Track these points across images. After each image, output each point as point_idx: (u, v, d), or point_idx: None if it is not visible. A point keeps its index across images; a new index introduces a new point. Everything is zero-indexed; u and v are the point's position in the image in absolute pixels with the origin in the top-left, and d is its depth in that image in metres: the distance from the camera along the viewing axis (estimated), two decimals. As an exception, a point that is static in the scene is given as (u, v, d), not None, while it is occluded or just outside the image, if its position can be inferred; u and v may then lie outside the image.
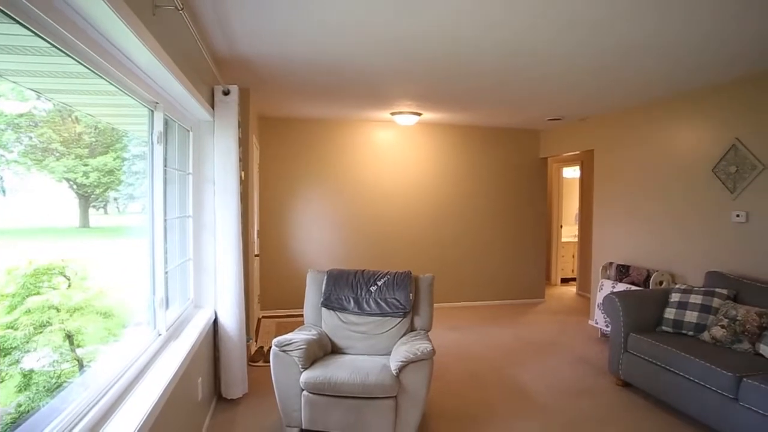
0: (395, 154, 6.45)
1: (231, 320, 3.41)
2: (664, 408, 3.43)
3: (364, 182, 6.35)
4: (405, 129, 6.42)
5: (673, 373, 3.26)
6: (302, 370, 2.86)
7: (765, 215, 3.71)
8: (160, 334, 2.45)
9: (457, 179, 6.67)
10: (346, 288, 3.47)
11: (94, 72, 1.67)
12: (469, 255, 6.76)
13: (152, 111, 2.40)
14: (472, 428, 3.12)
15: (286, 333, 3.09)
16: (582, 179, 7.66)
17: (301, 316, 3.67)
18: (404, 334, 3.30)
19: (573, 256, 8.48)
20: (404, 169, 6.48)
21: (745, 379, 2.78)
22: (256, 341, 4.92)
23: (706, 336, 3.43)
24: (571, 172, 8.75)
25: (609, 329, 3.90)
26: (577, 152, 6.67)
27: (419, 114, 5.61)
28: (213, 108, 3.36)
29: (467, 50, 3.22)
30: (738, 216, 3.90)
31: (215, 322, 3.40)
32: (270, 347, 3.01)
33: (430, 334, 3.39)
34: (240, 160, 3.55)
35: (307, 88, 4.42)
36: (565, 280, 8.59)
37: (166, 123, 2.61)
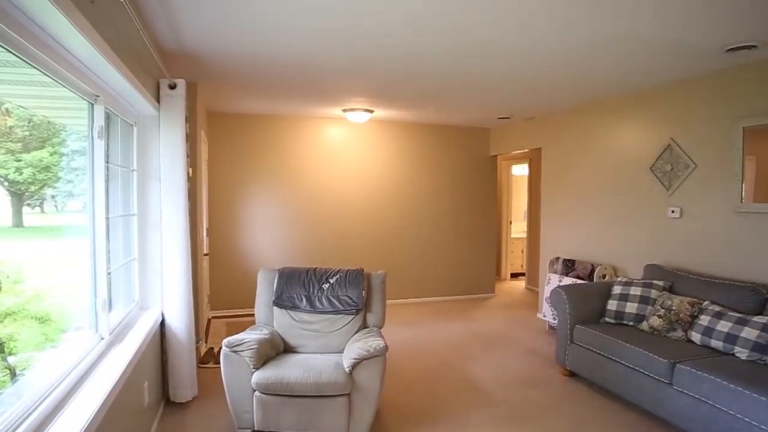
0: (348, 151, 6.43)
1: (179, 321, 3.31)
2: (607, 395, 3.59)
3: (316, 179, 6.30)
4: (357, 126, 6.41)
5: (615, 362, 3.42)
6: (254, 370, 2.81)
7: (696, 211, 3.94)
8: (102, 338, 2.35)
9: (409, 177, 6.72)
10: (298, 286, 3.43)
11: (25, 61, 1.57)
12: (421, 252, 6.83)
13: (92, 104, 2.29)
14: (426, 422, 3.16)
15: (237, 333, 3.03)
16: (530, 177, 7.89)
17: (253, 315, 3.61)
18: (357, 332, 3.30)
19: (522, 252, 8.73)
20: (357, 166, 6.47)
21: (678, 365, 2.95)
22: (206, 342, 4.80)
23: (644, 325, 3.61)
24: (520, 170, 9.00)
25: (556, 322, 4.04)
26: (526, 150, 6.86)
27: (371, 111, 5.61)
28: (158, 102, 3.23)
29: (418, 50, 3.25)
30: (673, 212, 4.13)
31: (162, 323, 3.29)
32: (220, 348, 2.94)
33: (383, 330, 3.41)
34: (188, 156, 3.45)
35: (258, 84, 4.33)
36: (514, 275, 8.83)
37: (107, 117, 2.49)
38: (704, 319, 3.27)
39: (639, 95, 4.45)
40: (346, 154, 6.43)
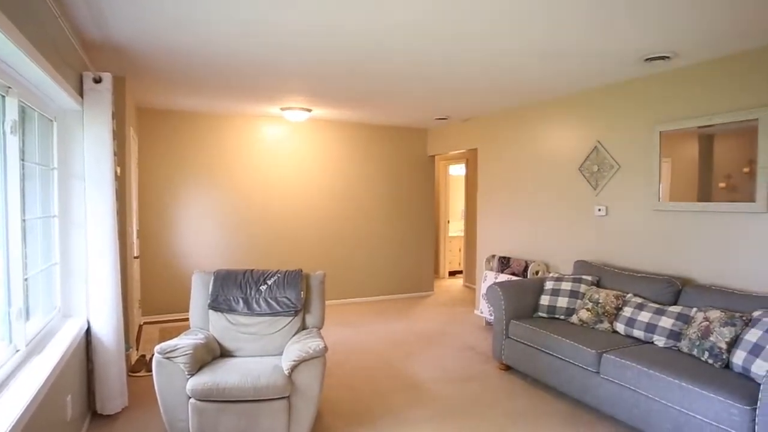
0: (287, 150, 6.33)
1: (107, 329, 3.13)
2: (540, 386, 3.74)
3: (254, 179, 6.16)
4: (296, 125, 6.33)
5: (547, 354, 3.57)
6: (188, 376, 2.71)
7: (620, 209, 4.19)
8: (18, 350, 2.18)
9: (349, 177, 6.72)
10: (234, 288, 3.34)
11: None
12: (361, 251, 6.85)
13: (3, 96, 2.12)
14: (367, 421, 3.17)
15: (171, 339, 2.91)
16: (467, 176, 8.09)
17: (187, 320, 3.48)
18: (296, 333, 3.26)
19: (459, 250, 8.94)
20: (296, 165, 6.39)
21: (604, 354, 3.12)
22: (137, 350, 4.57)
23: (574, 319, 3.80)
24: (458, 170, 9.22)
25: (493, 318, 4.17)
26: (463, 151, 7.02)
27: (310, 110, 5.56)
28: (82, 97, 3.05)
29: (355, 49, 3.25)
30: (600, 210, 4.36)
31: (88, 331, 3.10)
32: (153, 355, 2.81)
33: (323, 331, 3.39)
34: (115, 155, 3.27)
35: (191, 80, 4.18)
36: (452, 273, 9.03)
37: (22, 111, 2.32)
38: (627, 311, 3.48)
39: (569, 99, 4.68)
40: (285, 154, 6.33)
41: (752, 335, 2.68)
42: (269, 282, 3.38)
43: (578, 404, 3.43)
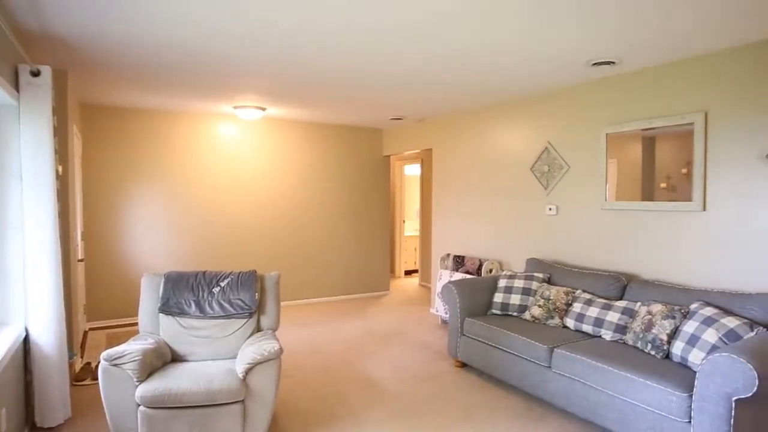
0: (240, 149, 6.21)
1: (48, 336, 2.97)
2: (495, 382, 3.82)
3: (206, 179, 6.01)
4: (250, 124, 6.21)
5: (501, 350, 3.65)
6: (138, 383, 2.61)
7: (570, 209, 4.34)
8: (-52, 360, 2.04)
9: (304, 176, 6.66)
10: (186, 291, 3.24)
11: None
12: (317, 252, 6.79)
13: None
14: (324, 422, 3.15)
15: (119, 344, 2.79)
16: (422, 176, 8.17)
17: (136, 324, 3.35)
18: (250, 336, 3.20)
19: (415, 249, 9.02)
20: (249, 165, 6.27)
21: (555, 349, 3.23)
22: (81, 357, 4.37)
23: (527, 315, 3.90)
24: (413, 170, 9.30)
25: (448, 316, 4.22)
26: (418, 151, 7.09)
27: (264, 109, 5.47)
28: (18, 91, 2.88)
29: (309, 48, 3.22)
30: (550, 209, 4.50)
31: (27, 339, 2.93)
32: (99, 362, 2.69)
33: (279, 332, 3.35)
34: (56, 152, 3.11)
35: (139, 75, 4.02)
36: (408, 272, 9.10)
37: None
38: (577, 307, 3.61)
39: (521, 101, 4.80)
40: (239, 153, 6.20)
41: (690, 327, 2.83)
42: (222, 284, 3.30)
43: (531, 398, 3.53)
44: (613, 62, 3.51)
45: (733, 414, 2.27)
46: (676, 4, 2.46)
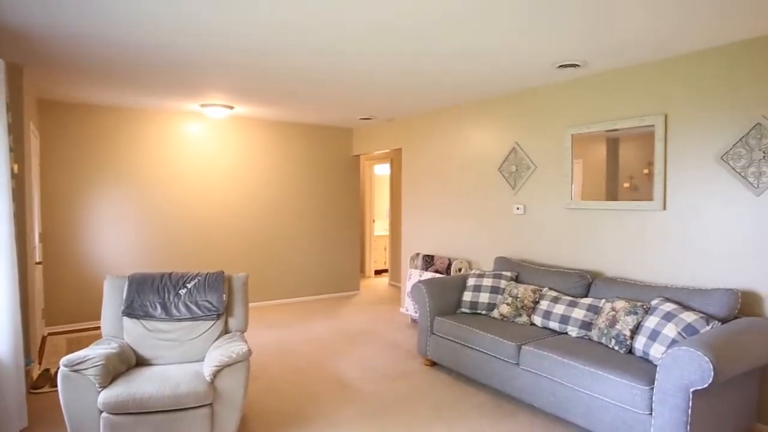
0: (208, 149, 6.09)
1: (2, 342, 2.85)
2: (464, 380, 3.86)
3: (173, 178, 5.87)
4: (217, 122, 6.11)
5: (470, 348, 3.69)
6: (100, 389, 2.53)
7: (536, 208, 4.42)
8: None
9: (273, 176, 6.58)
10: (151, 293, 3.16)
11: None
12: (286, 252, 6.73)
13: None
14: (295, 423, 3.12)
15: (80, 349, 2.70)
16: (392, 176, 8.19)
17: (99, 328, 3.25)
18: (218, 338, 3.14)
19: (385, 249, 9.03)
20: (217, 164, 6.16)
21: (523, 346, 3.28)
22: (39, 364, 4.21)
23: (495, 313, 3.96)
24: (383, 169, 9.31)
25: (418, 315, 4.24)
26: (387, 150, 7.10)
27: (231, 107, 5.38)
28: (-30, 86, 2.75)
29: (277, 46, 3.18)
30: (518, 209, 4.58)
31: (-20, 345, 2.81)
32: (58, 369, 2.60)
33: (247, 334, 3.30)
34: (11, 150, 2.98)
35: (101, 72, 3.89)
36: (378, 272, 9.11)
37: None
38: (544, 304, 3.68)
39: (489, 102, 4.87)
40: (206, 152, 6.08)
41: (651, 322, 2.92)
42: (189, 285, 3.24)
43: (500, 395, 3.58)
44: (578, 65, 3.59)
45: (690, 405, 2.36)
46: (639, 11, 2.54)
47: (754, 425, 2.97)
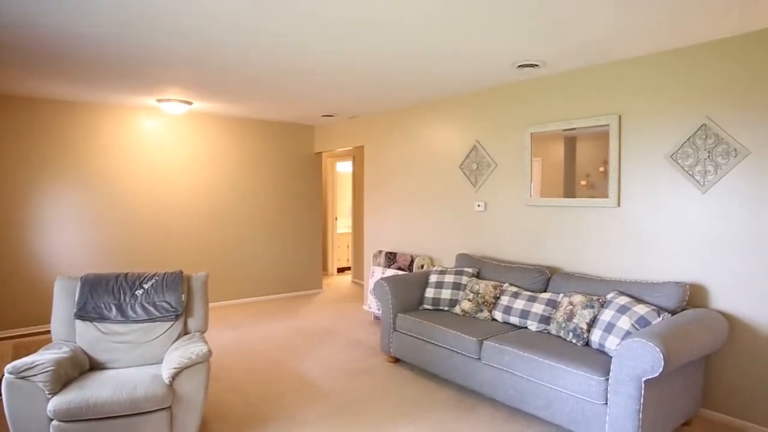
0: (165, 145, 5.91)
1: (-58, 348, 2.69)
2: (427, 376, 3.90)
3: (129, 175, 5.66)
4: (175, 118, 5.93)
5: (433, 344, 3.73)
6: (50, 396, 2.42)
7: (497, 205, 4.50)
8: None
9: (233, 173, 6.45)
10: (105, 294, 3.05)
11: None
12: (246, 250, 6.62)
13: None
14: (258, 424, 3.07)
15: (28, 355, 2.57)
16: (354, 174, 8.17)
17: (49, 332, 3.11)
18: (177, 339, 3.06)
19: (348, 247, 9.01)
20: (175, 161, 5.99)
21: (485, 342, 3.34)
22: (-17, 370, 3.99)
23: (457, 309, 4.01)
24: (345, 167, 9.28)
25: (380, 312, 4.25)
26: (350, 148, 7.07)
27: (190, 103, 5.24)
28: None
29: (236, 39, 3.12)
30: (479, 206, 4.65)
31: None
32: (2, 376, 2.47)
33: (208, 335, 3.23)
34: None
35: (52, 64, 3.71)
36: (341, 270, 9.08)
37: None
38: (505, 300, 3.75)
39: (450, 100, 4.92)
40: (164, 149, 5.90)
41: (606, 315, 3.03)
42: (146, 286, 3.14)
43: (463, 390, 3.63)
44: (537, 65, 3.67)
45: (642, 393, 2.46)
46: (592, 14, 2.61)
47: (699, 410, 3.13)
